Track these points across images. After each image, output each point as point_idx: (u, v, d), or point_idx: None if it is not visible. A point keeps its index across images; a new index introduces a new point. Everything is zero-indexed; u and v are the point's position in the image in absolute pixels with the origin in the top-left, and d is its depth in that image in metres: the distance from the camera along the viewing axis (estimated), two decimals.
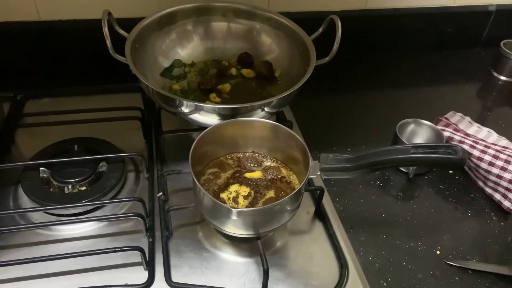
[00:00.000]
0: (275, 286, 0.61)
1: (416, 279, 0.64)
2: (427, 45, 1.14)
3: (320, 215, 0.71)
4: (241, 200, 0.61)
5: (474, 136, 0.82)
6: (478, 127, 0.84)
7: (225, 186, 0.64)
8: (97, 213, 0.68)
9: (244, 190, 0.63)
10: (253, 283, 0.61)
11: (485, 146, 0.77)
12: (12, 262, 0.57)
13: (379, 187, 0.78)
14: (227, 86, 0.83)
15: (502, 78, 1.09)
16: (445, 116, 0.88)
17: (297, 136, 0.63)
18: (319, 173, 0.60)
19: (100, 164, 0.72)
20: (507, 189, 0.73)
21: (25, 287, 0.59)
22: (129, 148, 0.76)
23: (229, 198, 0.62)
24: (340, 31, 0.74)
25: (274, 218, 0.59)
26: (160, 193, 0.69)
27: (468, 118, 0.86)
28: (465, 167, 0.81)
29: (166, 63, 0.86)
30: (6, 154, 0.78)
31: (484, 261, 0.67)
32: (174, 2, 0.84)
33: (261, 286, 0.59)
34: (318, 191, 0.70)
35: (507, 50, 1.09)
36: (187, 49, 0.88)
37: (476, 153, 0.77)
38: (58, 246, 0.63)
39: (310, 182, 0.74)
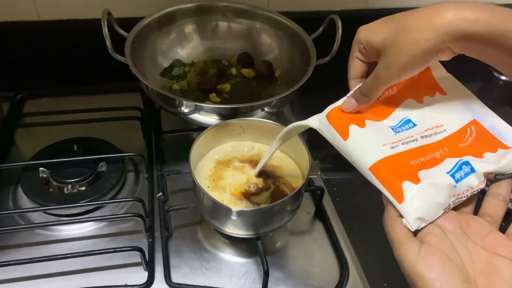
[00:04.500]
0: (275, 287, 0.61)
1: None
2: None
3: (320, 215, 0.71)
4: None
5: None
6: None
7: None
8: (97, 213, 0.68)
9: None
10: (253, 283, 0.61)
11: None
12: (11, 262, 0.57)
13: None
14: (227, 86, 0.83)
15: (503, 78, 1.09)
16: None
17: (297, 136, 0.62)
18: (319, 173, 0.60)
19: (100, 164, 0.72)
20: None
21: (24, 287, 0.59)
22: (129, 148, 0.76)
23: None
24: (340, 31, 0.74)
25: (274, 218, 0.59)
26: (160, 193, 0.69)
27: None
28: None
29: (165, 63, 0.85)
30: (6, 154, 0.78)
31: None
32: (174, 2, 0.84)
33: (261, 286, 0.59)
34: (318, 191, 0.70)
35: None
36: (187, 49, 0.88)
37: None
38: (58, 246, 0.63)
39: (310, 182, 0.74)
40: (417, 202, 0.38)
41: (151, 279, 0.60)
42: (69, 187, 0.69)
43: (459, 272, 0.34)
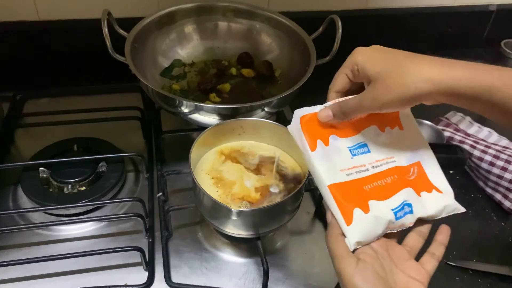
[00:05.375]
0: (275, 287, 0.61)
1: None
2: (427, 45, 1.14)
3: (320, 215, 0.71)
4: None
5: (474, 136, 0.82)
6: (479, 127, 0.84)
7: None
8: (97, 213, 0.68)
9: None
10: (253, 283, 0.61)
11: (486, 146, 0.77)
12: (11, 263, 0.57)
13: None
14: (227, 86, 0.83)
15: None
16: (446, 116, 0.88)
17: None
18: None
19: (100, 164, 0.72)
20: (507, 189, 0.73)
21: (24, 287, 0.59)
22: (129, 148, 0.76)
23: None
24: (340, 30, 0.74)
25: (274, 218, 0.58)
26: (160, 193, 0.69)
27: (468, 118, 0.86)
28: (466, 167, 0.81)
29: (165, 63, 0.85)
30: (6, 154, 0.78)
31: (484, 262, 0.66)
32: (174, 2, 0.84)
33: (261, 286, 0.59)
34: (318, 191, 0.70)
35: (507, 50, 1.09)
36: (187, 49, 0.88)
37: (476, 153, 0.77)
38: (58, 246, 0.63)
39: (310, 182, 0.74)
40: (361, 228, 0.44)
41: (151, 279, 0.60)
42: (69, 187, 0.69)
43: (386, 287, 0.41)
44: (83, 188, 0.69)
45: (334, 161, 0.47)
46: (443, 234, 0.49)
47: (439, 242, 0.49)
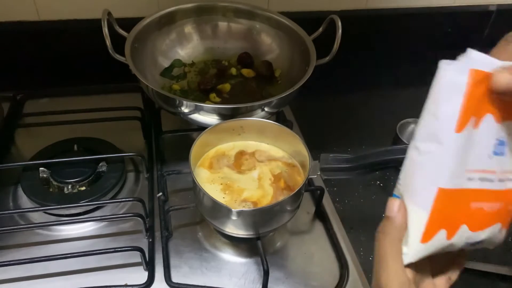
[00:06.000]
0: (275, 287, 0.61)
1: None
2: (427, 45, 1.14)
3: (320, 215, 0.71)
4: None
5: None
6: None
7: None
8: (97, 213, 0.68)
9: None
10: (253, 283, 0.61)
11: None
12: (11, 262, 0.57)
13: (379, 187, 0.77)
14: (227, 86, 0.83)
15: None
16: None
17: (297, 136, 0.62)
18: (319, 173, 0.60)
19: (100, 164, 0.72)
20: None
21: (24, 287, 0.59)
22: (129, 148, 0.76)
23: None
24: (340, 31, 0.74)
25: (274, 218, 0.59)
26: (160, 193, 0.69)
27: None
28: None
29: (166, 63, 0.85)
30: (6, 154, 0.78)
31: (484, 261, 0.66)
32: (174, 2, 0.84)
33: (261, 286, 0.59)
34: (318, 191, 0.70)
35: None
36: (187, 49, 0.88)
37: None
38: (58, 246, 0.63)
39: (310, 182, 0.74)
40: (431, 250, 0.36)
41: (151, 279, 0.60)
42: (69, 187, 0.69)
43: None
44: (83, 188, 0.69)
45: (468, 155, 0.33)
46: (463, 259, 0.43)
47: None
